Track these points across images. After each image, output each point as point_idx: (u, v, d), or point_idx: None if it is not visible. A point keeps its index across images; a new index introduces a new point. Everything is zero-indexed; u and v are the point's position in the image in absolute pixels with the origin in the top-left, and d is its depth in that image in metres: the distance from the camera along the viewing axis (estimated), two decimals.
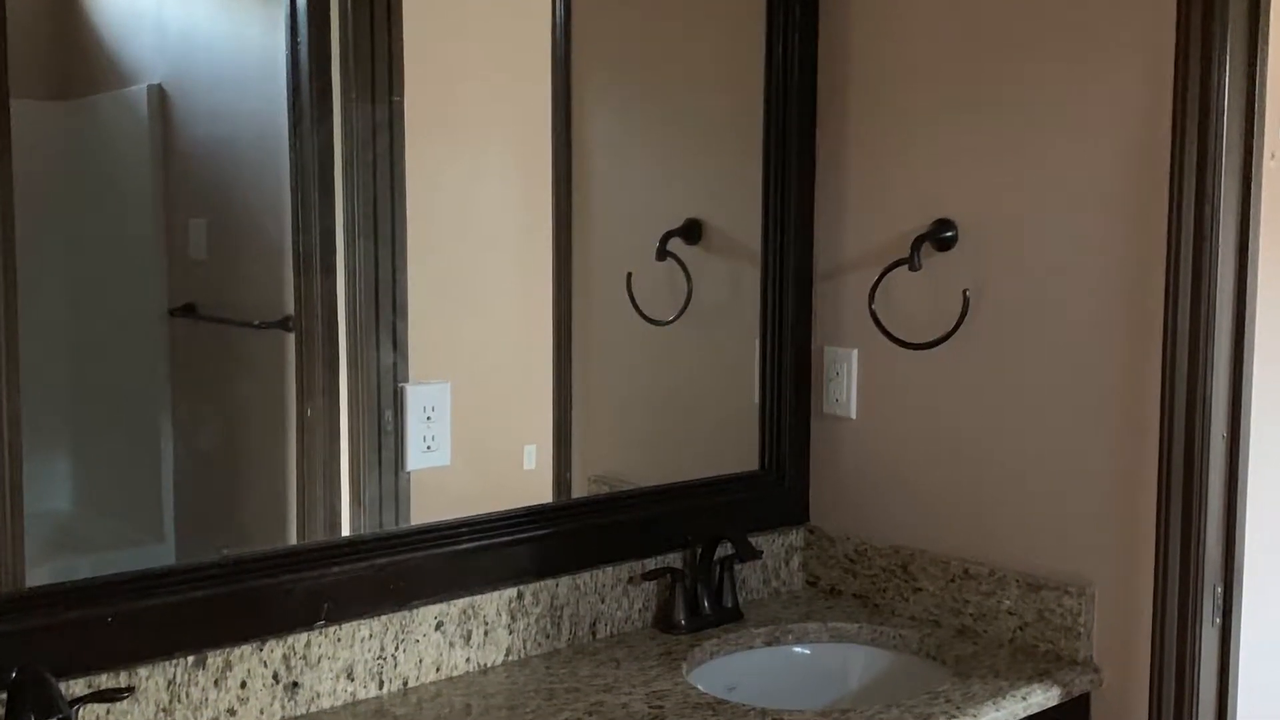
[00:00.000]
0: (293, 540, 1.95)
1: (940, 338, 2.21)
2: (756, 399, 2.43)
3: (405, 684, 1.93)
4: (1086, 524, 2.08)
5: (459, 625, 1.98)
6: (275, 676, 1.78)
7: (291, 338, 1.93)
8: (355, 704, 1.86)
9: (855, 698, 2.20)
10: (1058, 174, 2.07)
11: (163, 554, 1.89)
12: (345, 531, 1.96)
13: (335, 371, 1.94)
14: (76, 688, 1.60)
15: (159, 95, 1.87)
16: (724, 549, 2.26)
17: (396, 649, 1.91)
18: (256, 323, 1.96)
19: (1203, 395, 1.92)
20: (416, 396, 1.99)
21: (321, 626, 1.83)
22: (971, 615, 2.20)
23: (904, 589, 2.30)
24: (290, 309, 1.92)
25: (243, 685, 1.75)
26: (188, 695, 1.70)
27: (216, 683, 1.73)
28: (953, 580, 2.23)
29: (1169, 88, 1.92)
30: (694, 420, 2.49)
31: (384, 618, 1.89)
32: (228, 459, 1.98)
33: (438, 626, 1.95)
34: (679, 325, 2.43)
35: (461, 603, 1.98)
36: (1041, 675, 2.01)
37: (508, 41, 2.23)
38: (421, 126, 1.98)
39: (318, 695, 1.83)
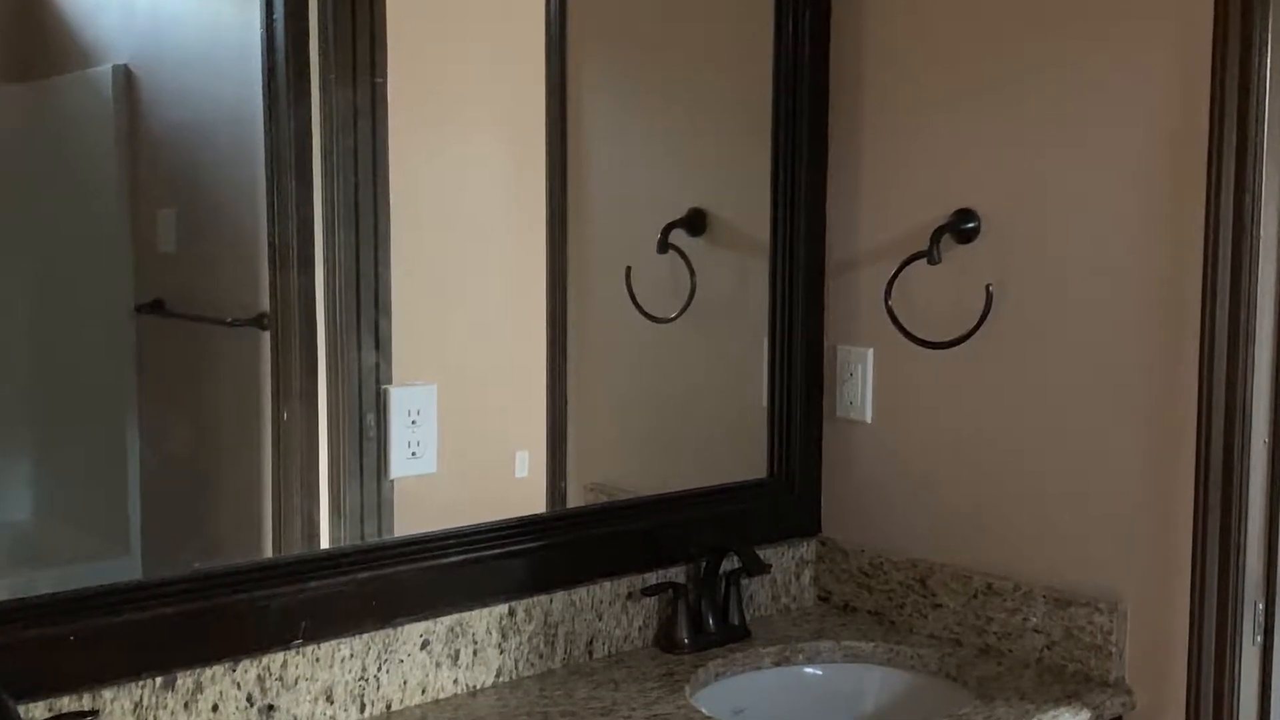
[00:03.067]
0: (268, 553, 1.95)
1: (961, 336, 2.21)
2: (764, 401, 2.43)
3: (389, 707, 1.92)
4: (1118, 536, 2.08)
5: (446, 644, 1.97)
6: (249, 699, 1.78)
7: (267, 336, 1.93)
8: None
9: None
10: (1087, 161, 2.07)
11: (129, 568, 1.89)
12: (324, 544, 1.96)
13: (314, 372, 1.94)
14: (37, 711, 1.60)
15: (125, 76, 1.86)
16: (730, 562, 2.25)
17: (379, 669, 1.91)
18: (229, 320, 1.96)
19: (1243, 398, 1.92)
20: (400, 399, 1.99)
21: (299, 645, 1.82)
22: (995, 633, 2.20)
23: (922, 605, 2.30)
24: (265, 305, 1.92)
25: (214, 708, 1.75)
26: (155, 719, 1.70)
27: (186, 705, 1.72)
28: (974, 596, 2.23)
29: (1206, 68, 1.92)
30: (697, 424, 2.49)
31: (366, 636, 1.89)
32: (198, 466, 1.98)
33: (423, 645, 1.95)
34: (681, 323, 2.43)
35: (449, 620, 1.97)
36: (1070, 697, 2.01)
37: (499, 18, 2.23)
38: (406, 110, 1.97)
39: (295, 719, 1.83)
